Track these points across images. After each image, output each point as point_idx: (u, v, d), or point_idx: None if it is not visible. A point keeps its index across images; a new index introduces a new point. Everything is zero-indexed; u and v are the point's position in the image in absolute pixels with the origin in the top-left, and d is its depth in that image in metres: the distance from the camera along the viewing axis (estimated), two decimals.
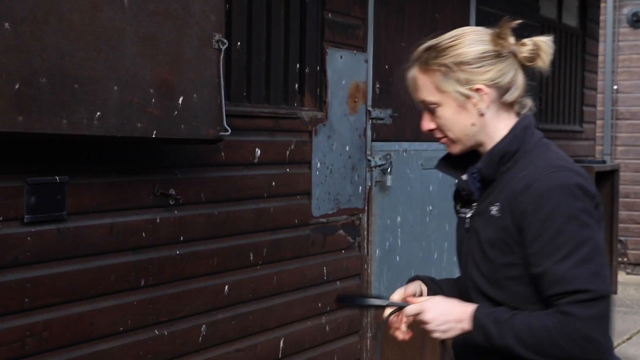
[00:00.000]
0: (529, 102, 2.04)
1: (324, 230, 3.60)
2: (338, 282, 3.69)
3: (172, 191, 2.83)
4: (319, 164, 3.54)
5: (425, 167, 4.31)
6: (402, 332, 2.10)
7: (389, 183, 3.95)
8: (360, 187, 3.80)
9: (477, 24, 4.71)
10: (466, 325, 1.87)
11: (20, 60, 2.09)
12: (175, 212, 2.86)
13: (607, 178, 6.12)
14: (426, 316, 1.91)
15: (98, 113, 2.29)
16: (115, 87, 2.33)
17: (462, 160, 2.03)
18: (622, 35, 11.37)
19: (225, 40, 2.65)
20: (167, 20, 2.47)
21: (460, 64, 1.91)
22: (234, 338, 3.14)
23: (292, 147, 3.40)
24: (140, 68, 2.40)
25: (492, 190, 1.92)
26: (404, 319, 2.04)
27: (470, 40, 1.93)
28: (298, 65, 3.47)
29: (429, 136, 4.69)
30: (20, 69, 2.10)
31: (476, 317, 1.85)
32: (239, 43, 3.15)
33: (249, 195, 3.19)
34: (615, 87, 11.38)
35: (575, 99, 6.42)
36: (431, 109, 1.97)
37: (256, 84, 3.27)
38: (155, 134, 2.47)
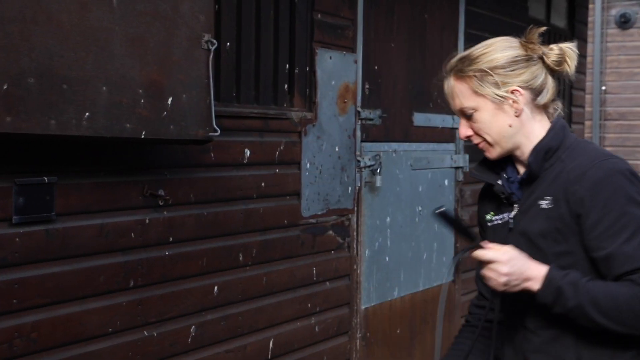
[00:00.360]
0: (559, 105, 2.11)
1: (314, 231, 3.60)
2: (327, 283, 3.69)
3: (161, 192, 2.82)
4: (308, 165, 3.54)
5: (414, 168, 4.31)
6: None
7: (378, 183, 3.95)
8: (350, 188, 3.80)
9: (467, 25, 4.73)
10: (535, 284, 1.92)
11: (9, 60, 2.09)
12: (165, 212, 2.86)
13: None
14: (501, 269, 1.91)
15: (87, 113, 2.29)
16: (104, 88, 2.33)
17: (494, 167, 2.11)
18: (610, 37, 11.42)
19: (214, 41, 2.65)
20: (155, 20, 2.46)
21: (494, 68, 2.00)
22: (224, 339, 3.13)
23: (281, 147, 3.40)
24: (129, 68, 2.39)
25: (536, 186, 2.01)
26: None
27: (502, 47, 2.03)
28: (287, 65, 3.47)
29: (418, 137, 4.68)
30: (8, 69, 2.09)
31: (550, 277, 1.90)
32: (228, 43, 3.15)
33: (238, 196, 3.18)
34: (603, 87, 11.42)
35: (563, 99, 6.44)
36: (469, 114, 2.04)
37: (245, 84, 3.26)
38: (144, 135, 2.46)
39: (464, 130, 2.06)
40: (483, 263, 1.92)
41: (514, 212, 2.05)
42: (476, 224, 2.26)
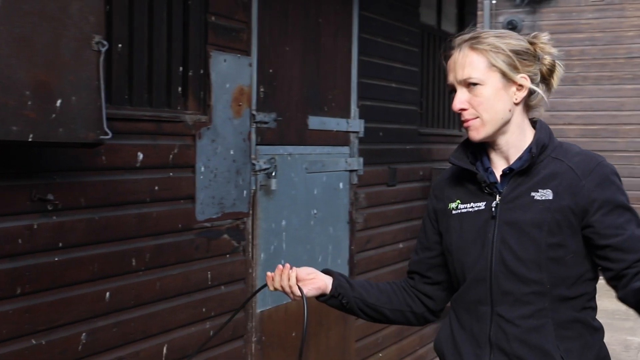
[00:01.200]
0: (541, 112, 2.18)
1: (208, 235, 3.57)
2: (222, 287, 3.67)
3: (50, 196, 2.75)
4: (203, 168, 3.51)
5: (309, 171, 4.34)
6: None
7: (273, 187, 3.96)
8: (245, 191, 3.80)
9: (360, 29, 4.79)
10: None
11: None
12: (54, 217, 2.79)
13: None
14: None
15: None
16: None
17: (466, 156, 2.16)
18: None
19: (105, 42, 2.60)
20: (43, 21, 2.40)
21: (511, 50, 2.06)
22: (116, 345, 3.08)
23: (175, 150, 3.36)
24: (15, 69, 2.32)
25: (526, 179, 2.07)
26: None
27: (516, 37, 2.10)
28: (181, 68, 3.44)
29: (313, 140, 4.70)
30: None
31: None
32: (120, 45, 3.10)
33: (131, 200, 3.13)
34: None
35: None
36: (473, 84, 2.05)
37: (138, 86, 3.22)
38: (31, 138, 2.40)
39: (460, 103, 2.07)
40: None
41: (495, 202, 2.08)
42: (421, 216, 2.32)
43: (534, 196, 2.04)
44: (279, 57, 4.08)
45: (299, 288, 2.17)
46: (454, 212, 2.16)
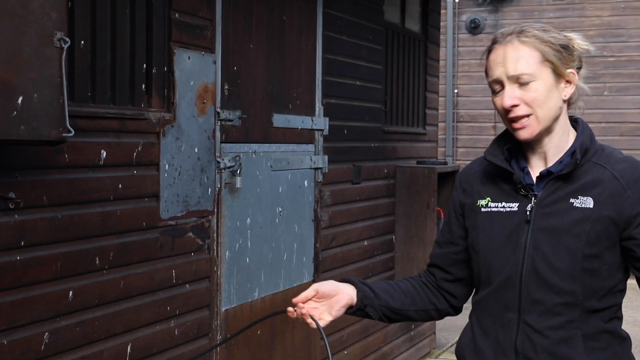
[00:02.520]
0: (582, 105, 2.10)
1: (173, 233, 3.56)
2: (187, 285, 3.66)
3: (12, 194, 2.72)
4: (167, 166, 3.49)
5: (274, 169, 4.33)
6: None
7: (238, 185, 3.95)
8: (210, 189, 3.78)
9: (324, 27, 4.80)
10: None
11: None
12: (16, 216, 2.75)
13: (448, 178, 6.37)
14: None
15: None
16: None
17: (501, 154, 2.06)
18: (462, 41, 11.86)
19: (67, 39, 2.57)
20: (3, 17, 2.37)
21: (561, 45, 1.97)
22: (79, 345, 3.05)
23: (139, 148, 3.34)
24: None
25: (566, 183, 1.97)
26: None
27: (557, 32, 2.01)
28: (145, 65, 3.41)
29: (278, 138, 4.70)
30: None
31: None
32: (82, 42, 3.07)
33: (94, 198, 3.11)
34: (455, 90, 11.85)
35: (418, 102, 6.64)
36: (525, 82, 1.95)
37: (101, 84, 3.19)
38: None
39: (510, 99, 1.95)
40: None
41: (530, 205, 1.99)
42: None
43: (573, 203, 1.95)
44: (243, 54, 4.07)
45: (312, 318, 2.06)
46: (483, 209, 2.06)
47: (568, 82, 2.00)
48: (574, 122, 2.08)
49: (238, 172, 3.94)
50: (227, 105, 3.94)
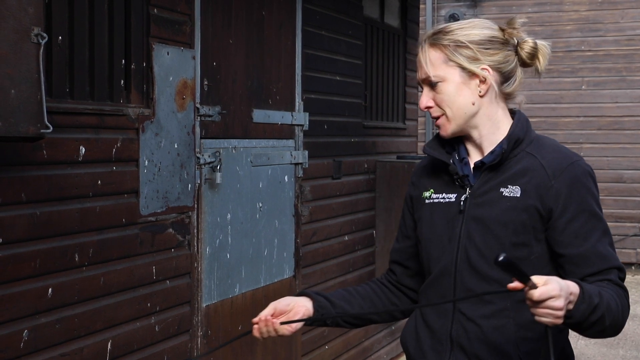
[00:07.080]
0: (522, 99, 2.12)
1: (153, 229, 3.54)
2: (168, 282, 3.65)
3: None
4: (146, 162, 3.48)
5: (254, 164, 4.33)
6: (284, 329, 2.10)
7: (218, 180, 3.94)
8: (190, 185, 3.77)
9: (304, 22, 4.79)
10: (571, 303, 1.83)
11: None
12: None
13: None
14: (557, 303, 1.76)
15: None
16: None
17: (444, 146, 2.10)
18: None
19: (44, 35, 2.55)
20: None
21: (470, 42, 1.99)
22: (59, 342, 3.03)
23: (118, 144, 3.32)
24: None
25: (498, 173, 2.01)
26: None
27: (480, 25, 2.04)
28: (123, 61, 3.40)
29: (258, 133, 4.70)
30: None
31: (584, 291, 1.83)
32: (60, 37, 3.05)
33: (73, 195, 3.09)
34: None
35: (398, 96, 6.65)
36: (434, 83, 2.01)
37: (79, 79, 3.17)
38: None
39: (425, 100, 2.04)
40: (536, 302, 1.76)
41: (464, 195, 2.03)
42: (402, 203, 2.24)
43: (502, 192, 1.99)
44: (222, 50, 4.05)
45: (283, 324, 2.09)
46: (426, 201, 2.11)
47: (484, 77, 2.02)
48: (513, 113, 2.12)
49: (218, 167, 3.93)
50: (207, 101, 3.93)
